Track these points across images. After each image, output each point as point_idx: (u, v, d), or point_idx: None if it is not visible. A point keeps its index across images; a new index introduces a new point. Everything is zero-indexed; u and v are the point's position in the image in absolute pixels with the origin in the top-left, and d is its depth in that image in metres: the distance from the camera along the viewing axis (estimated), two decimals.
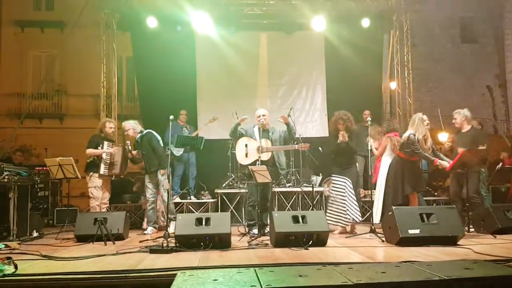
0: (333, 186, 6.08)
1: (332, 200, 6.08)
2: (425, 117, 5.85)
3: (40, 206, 8.26)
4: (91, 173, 6.44)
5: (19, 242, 5.23)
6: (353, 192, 5.95)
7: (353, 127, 5.98)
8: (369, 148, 5.91)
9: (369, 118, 6.14)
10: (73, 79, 15.54)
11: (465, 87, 19.39)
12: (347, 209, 5.89)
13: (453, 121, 6.16)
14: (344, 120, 5.93)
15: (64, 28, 15.84)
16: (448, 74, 19.58)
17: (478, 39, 20.28)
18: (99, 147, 6.48)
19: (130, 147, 6.68)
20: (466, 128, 6.07)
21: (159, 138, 6.61)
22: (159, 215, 6.62)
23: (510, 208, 5.63)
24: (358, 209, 5.94)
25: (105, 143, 6.53)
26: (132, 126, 6.57)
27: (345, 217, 5.91)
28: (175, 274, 2.85)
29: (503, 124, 18.99)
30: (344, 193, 5.93)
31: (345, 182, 5.96)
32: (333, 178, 6.13)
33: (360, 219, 5.98)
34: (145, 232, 6.27)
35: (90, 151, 6.46)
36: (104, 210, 6.53)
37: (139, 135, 6.55)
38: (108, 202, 6.72)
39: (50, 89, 16.14)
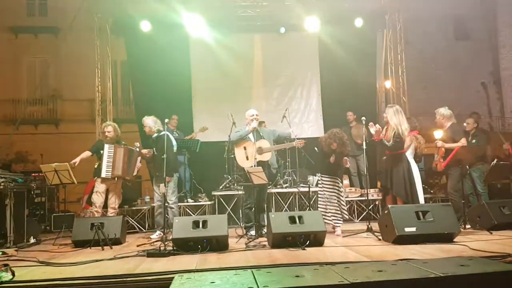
0: (325, 185, 5.97)
1: (327, 199, 5.90)
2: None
3: (37, 212, 8.27)
4: (95, 178, 6.42)
5: (16, 249, 5.24)
6: (343, 191, 6.02)
7: (346, 150, 5.82)
8: (365, 147, 5.84)
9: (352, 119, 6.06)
10: (68, 84, 15.47)
11: (460, 84, 19.44)
12: (341, 209, 5.88)
13: (436, 120, 6.20)
14: (338, 144, 5.75)
15: (58, 34, 15.81)
16: (443, 71, 19.61)
17: (472, 36, 20.35)
18: (101, 151, 6.35)
19: (138, 147, 6.48)
20: (446, 125, 6.10)
21: (174, 143, 6.43)
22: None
23: (505, 204, 5.67)
24: (346, 207, 6.01)
25: (106, 146, 6.35)
26: (149, 124, 6.40)
27: (340, 217, 5.86)
28: (173, 278, 2.86)
29: (498, 121, 19.06)
30: (339, 193, 5.90)
31: (337, 182, 5.93)
32: (324, 177, 6.01)
33: (347, 217, 6.05)
34: (152, 236, 6.16)
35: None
36: (113, 215, 6.29)
37: (156, 134, 6.34)
38: (116, 207, 6.48)
39: (45, 94, 16.08)
